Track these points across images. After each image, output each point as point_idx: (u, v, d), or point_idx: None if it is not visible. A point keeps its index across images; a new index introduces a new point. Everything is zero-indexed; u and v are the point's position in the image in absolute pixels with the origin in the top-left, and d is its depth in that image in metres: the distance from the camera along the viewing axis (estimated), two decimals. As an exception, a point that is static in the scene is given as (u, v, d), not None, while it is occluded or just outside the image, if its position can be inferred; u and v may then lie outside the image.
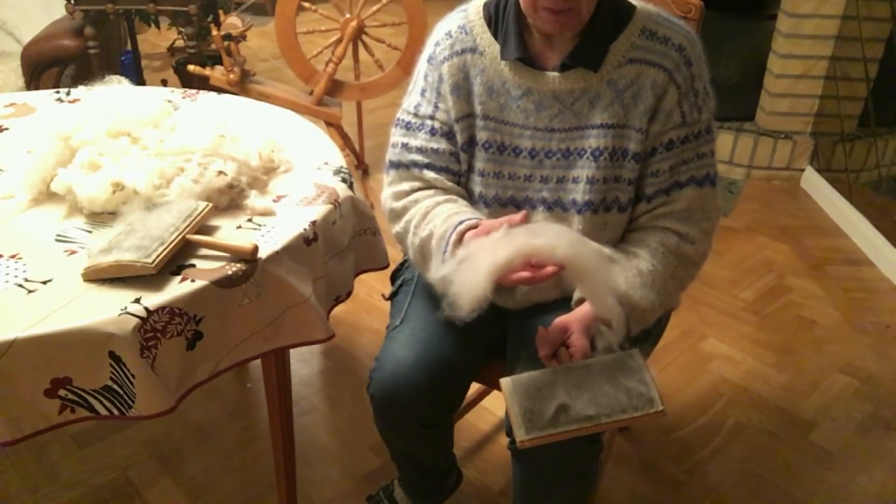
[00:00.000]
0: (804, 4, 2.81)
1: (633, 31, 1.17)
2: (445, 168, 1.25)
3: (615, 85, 1.16)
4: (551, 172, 1.20)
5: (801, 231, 2.73)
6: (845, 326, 2.22)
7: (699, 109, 1.17)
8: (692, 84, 1.16)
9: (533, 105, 1.19)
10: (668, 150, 1.17)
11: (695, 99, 1.17)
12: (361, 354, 2.06)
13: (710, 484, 1.69)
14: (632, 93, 1.16)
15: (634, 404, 1.03)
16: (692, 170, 1.18)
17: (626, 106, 1.16)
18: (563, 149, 1.19)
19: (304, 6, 2.60)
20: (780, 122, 3.03)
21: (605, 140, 1.17)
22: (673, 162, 1.17)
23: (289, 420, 1.44)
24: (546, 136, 1.19)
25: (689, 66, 1.16)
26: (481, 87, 1.21)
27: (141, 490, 1.63)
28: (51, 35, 2.71)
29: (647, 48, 1.16)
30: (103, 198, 1.22)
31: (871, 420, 1.87)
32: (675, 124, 1.16)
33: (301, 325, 1.20)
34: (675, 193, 1.19)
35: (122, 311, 1.02)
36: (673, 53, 1.15)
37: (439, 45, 1.25)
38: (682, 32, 1.17)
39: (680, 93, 1.15)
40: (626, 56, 1.16)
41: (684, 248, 1.18)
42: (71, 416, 1.06)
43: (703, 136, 1.19)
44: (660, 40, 1.16)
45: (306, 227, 1.22)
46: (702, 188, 1.19)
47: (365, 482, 1.67)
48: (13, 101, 1.68)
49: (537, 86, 1.18)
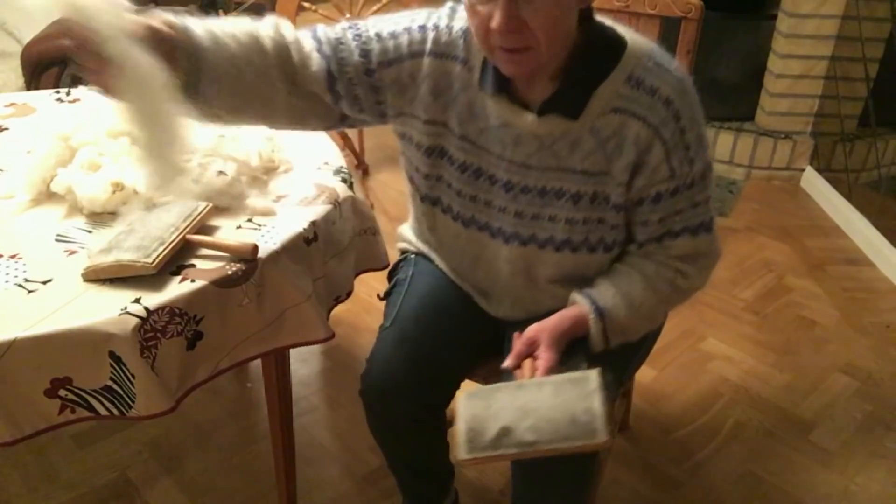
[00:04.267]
0: (804, 4, 2.81)
1: (618, 77, 1.06)
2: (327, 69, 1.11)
3: (598, 133, 1.08)
4: (527, 209, 1.14)
5: (801, 231, 2.73)
6: (845, 326, 2.22)
7: (690, 162, 1.08)
8: (682, 137, 1.07)
9: (511, 139, 1.12)
10: (656, 203, 1.10)
11: (685, 152, 1.08)
12: (361, 354, 2.05)
13: (710, 484, 1.69)
14: (615, 143, 1.08)
15: (576, 433, 0.97)
16: (686, 220, 1.12)
17: (608, 156, 1.09)
18: (539, 187, 1.13)
19: (304, 6, 2.60)
20: (780, 122, 3.03)
21: (586, 186, 1.11)
22: (663, 214, 1.11)
23: (289, 420, 1.44)
24: (522, 170, 1.13)
25: (678, 119, 1.06)
26: (464, 107, 1.13)
27: (141, 490, 1.63)
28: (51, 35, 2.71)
29: (633, 98, 1.06)
30: (103, 198, 1.22)
31: (871, 420, 1.87)
32: (663, 178, 1.08)
33: (301, 325, 1.20)
34: (668, 241, 1.14)
35: (122, 311, 1.02)
36: (659, 107, 1.05)
37: (438, 31, 1.12)
38: (671, 81, 1.06)
39: (667, 148, 1.06)
40: (609, 104, 1.07)
41: (679, 282, 1.17)
42: (71, 416, 1.06)
43: (698, 185, 1.11)
44: (646, 91, 1.06)
45: (306, 227, 1.22)
46: (696, 237, 1.14)
47: (365, 482, 1.67)
48: (13, 101, 1.68)
49: (516, 121, 1.10)
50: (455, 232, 1.23)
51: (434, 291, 1.30)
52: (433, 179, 1.20)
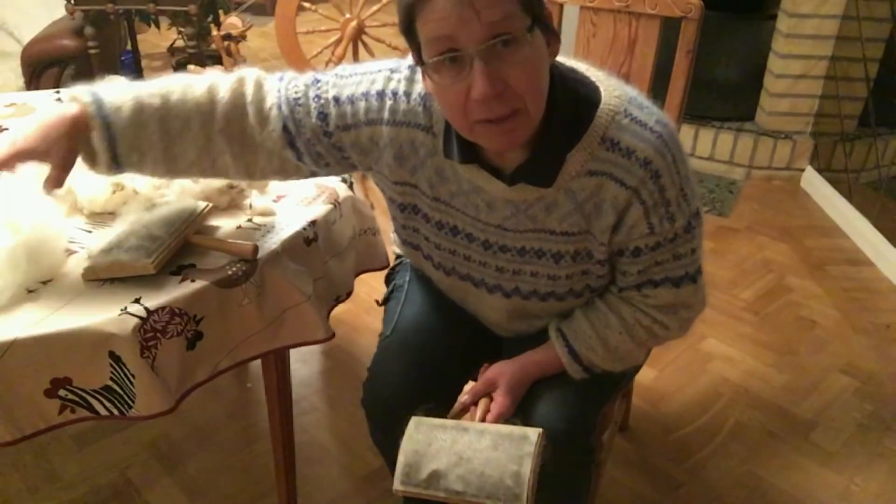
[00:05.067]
0: (804, 4, 2.81)
1: (592, 138, 0.99)
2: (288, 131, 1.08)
3: (574, 196, 1.02)
4: (507, 265, 1.12)
5: (801, 231, 2.73)
6: (845, 326, 2.22)
7: (671, 218, 1.02)
8: (661, 196, 1.01)
9: (483, 203, 1.07)
10: (636, 256, 1.06)
11: (665, 209, 1.02)
12: (361, 354, 2.06)
13: (710, 484, 1.69)
14: (593, 204, 1.02)
15: (499, 495, 0.98)
16: (667, 271, 1.08)
17: (587, 216, 1.04)
18: (518, 247, 1.09)
19: (304, 6, 2.60)
20: (780, 122, 3.03)
21: (567, 246, 1.07)
22: (642, 266, 1.07)
23: (289, 420, 1.44)
24: (499, 232, 1.09)
25: (658, 178, 0.99)
26: (432, 172, 1.08)
27: (141, 490, 1.63)
28: (51, 35, 2.71)
29: (608, 160, 1.00)
30: (103, 198, 1.22)
31: (871, 420, 1.87)
32: (642, 234, 1.03)
33: (301, 326, 1.20)
34: (648, 289, 1.10)
35: (122, 311, 1.02)
36: (637, 169, 0.99)
37: (398, 101, 1.05)
38: (648, 139, 0.99)
39: (645, 208, 1.01)
40: (584, 167, 1.00)
41: (657, 331, 1.13)
42: (71, 416, 1.06)
43: (681, 238, 1.05)
44: (622, 153, 0.99)
45: (306, 227, 1.22)
46: (678, 287, 1.09)
47: (365, 482, 1.67)
48: (13, 101, 1.68)
49: (487, 188, 1.05)
50: (438, 277, 1.23)
51: (432, 297, 1.30)
52: (410, 230, 1.18)
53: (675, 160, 1.01)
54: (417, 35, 0.92)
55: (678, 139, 1.03)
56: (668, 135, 1.01)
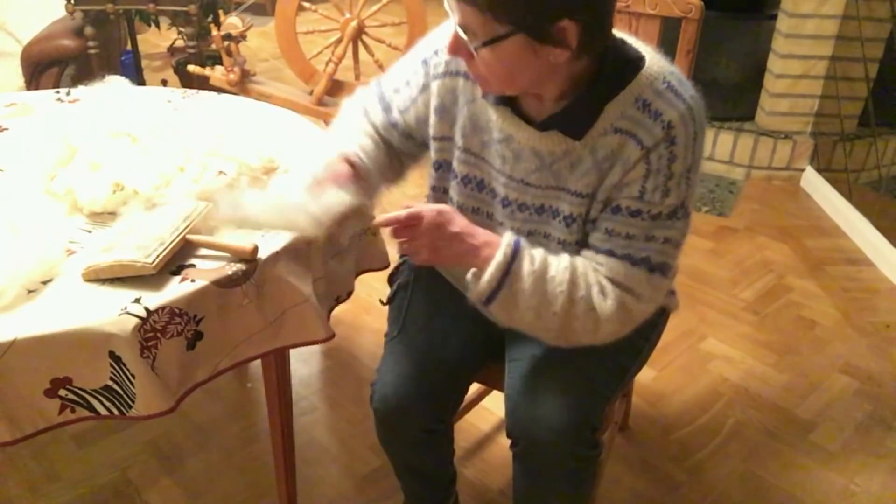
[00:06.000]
0: (804, 4, 2.81)
1: (627, 98, 1.02)
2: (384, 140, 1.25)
3: (596, 153, 1.05)
4: (522, 226, 1.14)
5: (801, 231, 2.73)
6: (845, 326, 2.22)
7: (665, 192, 1.02)
8: (668, 164, 1.01)
9: (511, 154, 1.10)
10: (613, 214, 1.05)
11: (665, 180, 1.02)
12: (361, 354, 2.06)
13: (710, 484, 1.69)
14: (609, 164, 1.04)
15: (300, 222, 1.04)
16: (632, 248, 1.05)
17: (601, 176, 1.05)
18: (537, 205, 1.12)
19: (304, 6, 2.60)
20: (780, 122, 3.04)
21: (579, 209, 1.08)
22: (613, 227, 1.05)
23: (289, 420, 1.44)
24: (521, 187, 1.12)
25: (672, 144, 1.01)
26: (467, 119, 1.14)
27: (141, 490, 1.63)
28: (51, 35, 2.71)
29: (636, 120, 1.02)
30: (103, 198, 1.22)
31: (871, 420, 1.87)
32: (630, 195, 1.03)
33: (301, 326, 1.20)
34: (603, 258, 1.06)
35: (122, 311, 1.02)
36: (657, 130, 1.01)
37: (438, 55, 1.15)
38: (679, 107, 1.01)
39: (648, 170, 1.02)
40: (613, 124, 1.03)
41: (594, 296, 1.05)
42: (71, 416, 1.06)
43: (661, 221, 1.04)
44: (650, 114, 1.01)
45: (306, 227, 1.22)
46: (634, 268, 1.05)
47: (365, 482, 1.67)
48: (13, 101, 1.68)
49: (517, 135, 1.09)
50: None
51: (437, 296, 1.30)
52: (440, 192, 1.23)
53: (695, 136, 1.03)
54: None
55: (704, 120, 1.05)
56: (697, 110, 1.03)
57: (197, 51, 2.78)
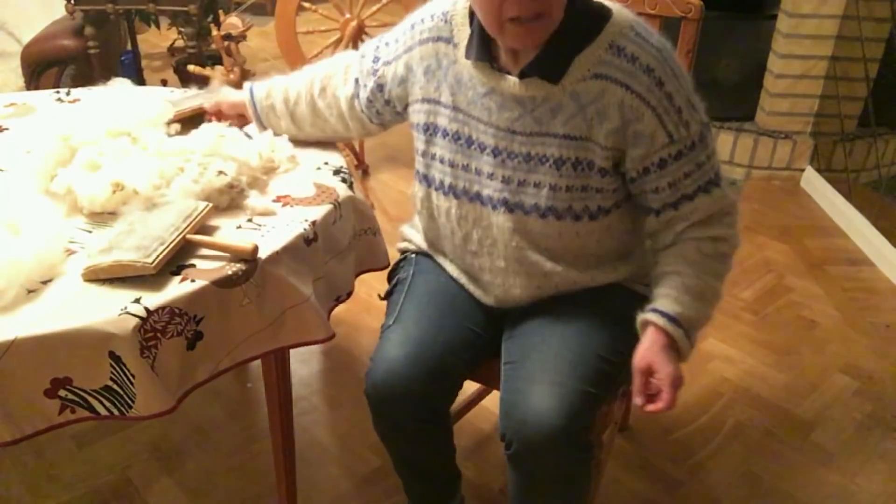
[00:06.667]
0: (804, 4, 2.81)
1: (600, 44, 1.11)
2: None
3: (578, 98, 1.12)
4: (513, 174, 1.18)
5: (801, 231, 2.73)
6: (845, 326, 2.22)
7: (686, 124, 1.13)
8: (671, 102, 1.11)
9: (495, 105, 1.17)
10: (663, 168, 1.14)
11: (678, 116, 1.12)
12: (361, 354, 2.06)
13: (710, 484, 1.69)
14: (596, 109, 1.12)
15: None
16: (696, 181, 1.16)
17: (589, 121, 1.13)
18: (524, 152, 1.17)
19: (304, 6, 2.60)
20: (780, 122, 3.04)
21: (568, 151, 1.14)
22: (672, 178, 1.15)
23: (289, 420, 1.44)
24: (508, 136, 1.18)
25: (662, 85, 1.10)
26: (452, 79, 1.21)
27: (141, 490, 1.63)
28: (51, 35, 2.71)
29: (614, 64, 1.11)
30: (103, 198, 1.22)
31: (871, 420, 1.87)
32: (663, 144, 1.13)
33: (301, 326, 1.20)
34: (685, 206, 1.17)
35: (122, 311, 1.02)
36: (641, 76, 1.10)
37: (424, 23, 1.26)
38: (650, 51, 1.11)
39: (657, 114, 1.11)
40: (590, 70, 1.11)
41: (721, 248, 1.19)
42: (71, 416, 1.05)
43: (698, 146, 1.14)
44: (627, 58, 1.10)
45: (306, 227, 1.22)
46: (710, 194, 1.16)
47: (365, 482, 1.67)
48: (13, 101, 1.68)
49: (499, 87, 1.17)
50: (447, 207, 1.26)
51: (435, 290, 1.31)
52: (428, 157, 1.27)
53: (674, 73, 1.12)
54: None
55: (676, 59, 1.14)
56: (667, 51, 1.13)
57: (197, 51, 2.78)
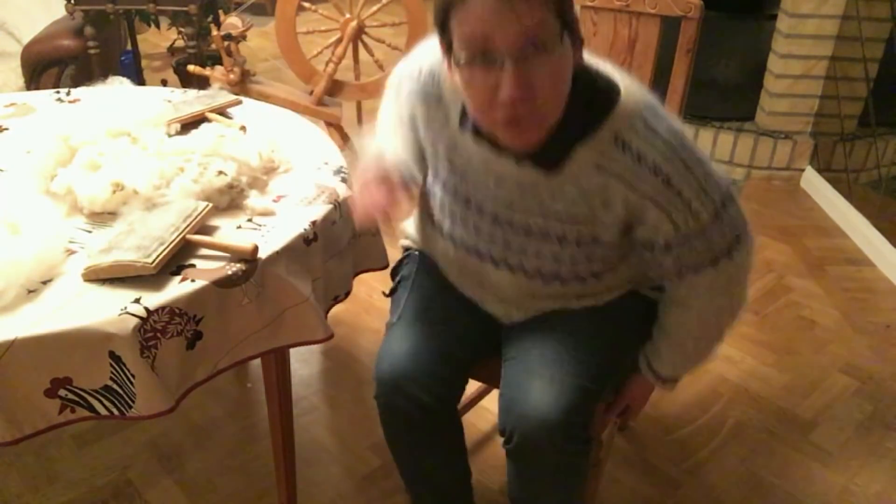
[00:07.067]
0: (804, 4, 2.81)
1: (604, 136, 1.01)
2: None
3: (580, 185, 1.05)
4: (513, 240, 1.14)
5: (801, 231, 2.73)
6: (845, 326, 2.22)
7: (695, 215, 1.03)
8: (680, 197, 1.02)
9: (493, 178, 1.10)
10: (667, 250, 1.07)
11: (687, 208, 1.03)
12: (361, 354, 2.06)
13: (710, 484, 1.69)
14: (600, 200, 1.05)
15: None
16: (704, 256, 1.08)
17: (592, 207, 1.06)
18: (524, 224, 1.12)
19: (304, 6, 2.60)
20: (780, 122, 3.04)
21: (571, 229, 1.09)
22: (675, 257, 1.08)
23: (289, 420, 1.44)
24: (507, 209, 1.12)
25: (670, 183, 1.01)
26: (449, 140, 1.14)
27: (141, 490, 1.63)
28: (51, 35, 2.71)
29: (618, 161, 1.02)
30: (103, 198, 1.22)
31: (871, 420, 1.87)
32: (669, 232, 1.05)
33: (300, 325, 1.20)
34: (689, 278, 1.10)
35: (122, 311, 1.02)
36: (648, 176, 1.01)
37: (410, 82, 1.17)
38: (658, 147, 1.01)
39: (664, 210, 1.03)
40: (593, 161, 1.03)
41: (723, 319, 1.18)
42: (71, 416, 1.06)
43: (711, 227, 1.05)
44: (632, 156, 1.01)
45: (306, 227, 1.22)
46: (717, 266, 1.09)
47: (365, 482, 1.67)
48: (13, 101, 1.68)
49: (494, 165, 1.09)
50: (445, 249, 1.25)
51: (437, 287, 1.32)
52: (431, 194, 1.24)
53: (685, 164, 1.02)
54: (451, 31, 0.95)
55: (689, 143, 1.04)
56: (677, 142, 1.02)
57: (197, 51, 2.78)
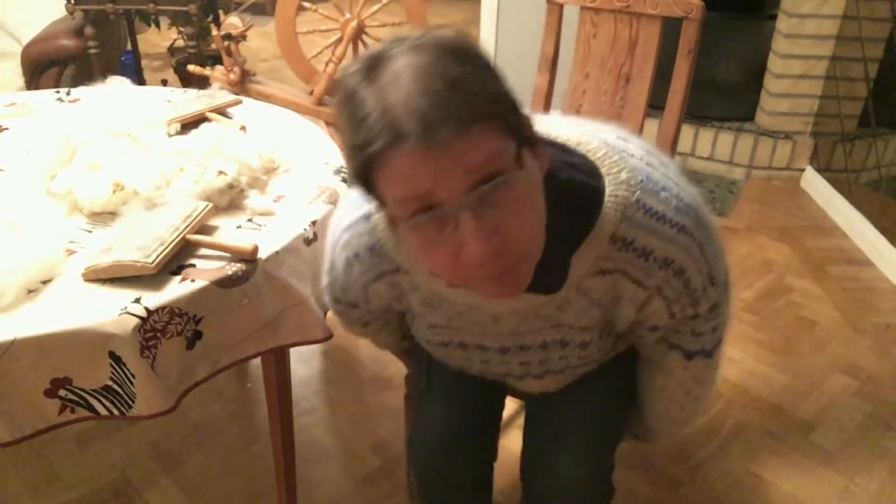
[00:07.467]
0: (804, 4, 2.81)
1: (600, 239, 0.86)
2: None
3: (587, 293, 0.93)
4: (531, 359, 1.05)
5: (801, 231, 2.73)
6: (845, 326, 2.22)
7: (695, 304, 0.93)
8: (687, 287, 0.91)
9: (487, 318, 0.98)
10: (653, 331, 0.99)
11: (689, 298, 0.92)
12: (361, 354, 2.06)
13: (710, 484, 1.69)
14: (611, 298, 0.93)
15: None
16: (682, 341, 1.00)
17: (605, 308, 0.95)
18: (539, 342, 1.01)
19: (304, 6, 2.60)
20: (780, 122, 3.03)
21: (591, 334, 1.00)
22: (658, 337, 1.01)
23: (289, 420, 1.44)
24: (514, 337, 1.01)
25: (682, 274, 0.89)
26: (420, 301, 1.00)
27: (141, 490, 1.63)
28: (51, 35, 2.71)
29: (622, 259, 0.88)
30: (103, 198, 1.22)
31: (871, 420, 1.87)
32: (661, 318, 0.95)
33: (300, 325, 1.20)
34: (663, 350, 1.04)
35: (122, 311, 1.02)
36: (656, 271, 0.88)
37: (354, 268, 0.99)
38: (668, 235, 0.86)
39: (668, 301, 0.92)
40: (594, 267, 0.89)
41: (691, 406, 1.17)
42: (71, 416, 1.06)
43: (702, 317, 0.95)
44: (637, 252, 0.87)
45: (306, 227, 1.22)
46: (689, 361, 1.02)
47: (365, 482, 1.67)
48: (13, 101, 1.68)
49: (485, 305, 0.96)
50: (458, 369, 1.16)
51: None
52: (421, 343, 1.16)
53: (702, 249, 0.89)
54: (380, 191, 0.75)
55: (705, 217, 0.91)
56: (691, 222, 0.88)
57: (197, 51, 2.78)
